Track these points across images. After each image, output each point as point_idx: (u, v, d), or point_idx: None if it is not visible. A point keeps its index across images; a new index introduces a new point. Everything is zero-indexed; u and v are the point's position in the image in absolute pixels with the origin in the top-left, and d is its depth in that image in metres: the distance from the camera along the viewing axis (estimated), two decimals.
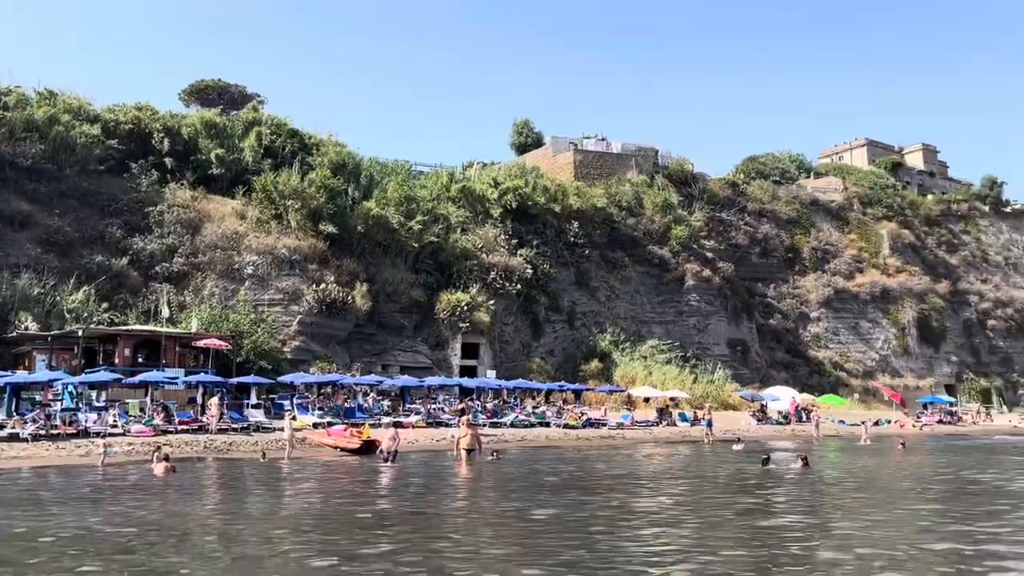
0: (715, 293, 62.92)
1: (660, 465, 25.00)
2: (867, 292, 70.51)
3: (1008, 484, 19.16)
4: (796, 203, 75.54)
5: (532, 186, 57.97)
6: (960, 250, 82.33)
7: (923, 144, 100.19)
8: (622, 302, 59.87)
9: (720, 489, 17.52)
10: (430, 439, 31.18)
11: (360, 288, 43.51)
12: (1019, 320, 78.54)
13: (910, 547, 10.27)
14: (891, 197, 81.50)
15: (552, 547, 9.97)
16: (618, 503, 14.93)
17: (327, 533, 11.45)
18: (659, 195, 65.73)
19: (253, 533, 11.52)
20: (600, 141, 70.22)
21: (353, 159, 51.68)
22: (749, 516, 13.20)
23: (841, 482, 19.84)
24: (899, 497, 16.77)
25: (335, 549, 10.08)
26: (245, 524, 12.39)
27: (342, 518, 12.97)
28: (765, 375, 61.18)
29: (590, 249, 59.01)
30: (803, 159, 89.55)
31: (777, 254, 71.28)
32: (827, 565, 9.06)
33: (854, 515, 13.63)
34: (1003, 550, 10.04)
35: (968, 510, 14.34)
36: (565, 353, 54.30)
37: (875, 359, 68.46)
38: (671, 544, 10.32)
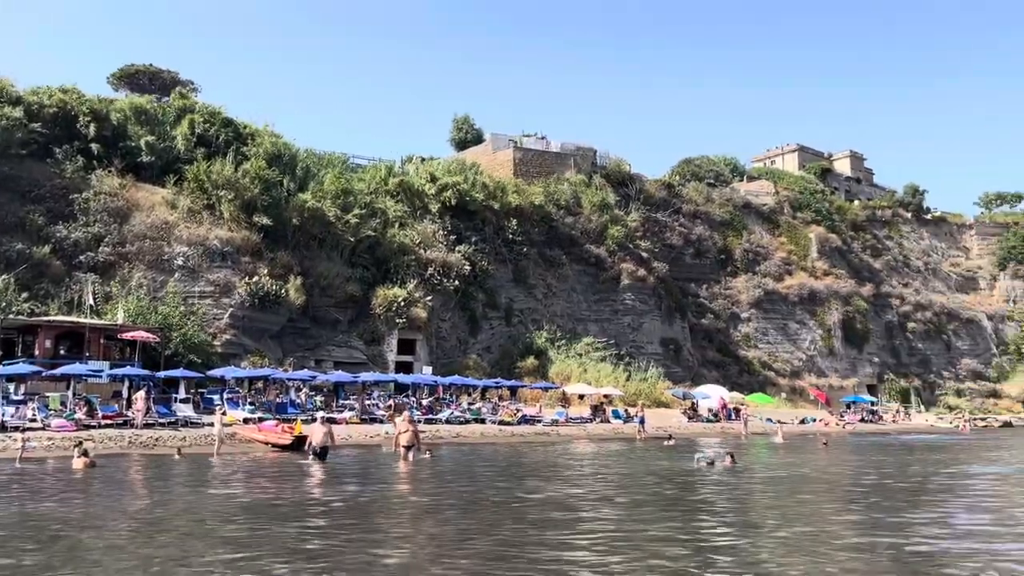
0: (650, 292, 63.89)
1: (592, 461, 25.30)
2: (795, 294, 72.49)
3: (924, 480, 19.99)
4: (729, 206, 77.18)
5: (472, 183, 57.88)
6: (883, 255, 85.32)
7: (851, 151, 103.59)
8: (559, 300, 60.33)
9: (648, 484, 17.82)
10: (364, 435, 30.94)
11: (294, 281, 42.85)
12: (937, 323, 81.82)
13: (829, 538, 10.64)
14: (820, 202, 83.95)
15: (485, 546, 10.02)
16: (549, 498, 15.06)
17: (244, 533, 11.27)
18: (597, 195, 66.39)
19: (160, 532, 11.24)
20: (540, 140, 70.58)
21: (289, 150, 50.81)
22: (675, 510, 13.47)
23: (765, 478, 20.39)
24: (819, 492, 17.33)
25: (252, 551, 9.92)
26: (152, 522, 12.08)
27: (264, 517, 12.78)
28: (697, 373, 62.42)
29: (528, 247, 59.28)
30: (737, 163, 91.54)
31: (710, 255, 72.74)
32: (747, 555, 9.32)
33: (775, 509, 14.04)
34: (917, 539, 10.48)
35: (884, 503, 14.91)
36: (502, 350, 54.45)
37: (802, 359, 70.46)
38: (598, 537, 10.48)
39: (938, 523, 12.47)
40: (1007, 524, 12.66)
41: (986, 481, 20.57)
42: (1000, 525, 12.46)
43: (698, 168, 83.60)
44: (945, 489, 17.89)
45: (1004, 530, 11.94)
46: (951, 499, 15.99)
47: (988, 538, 11.09)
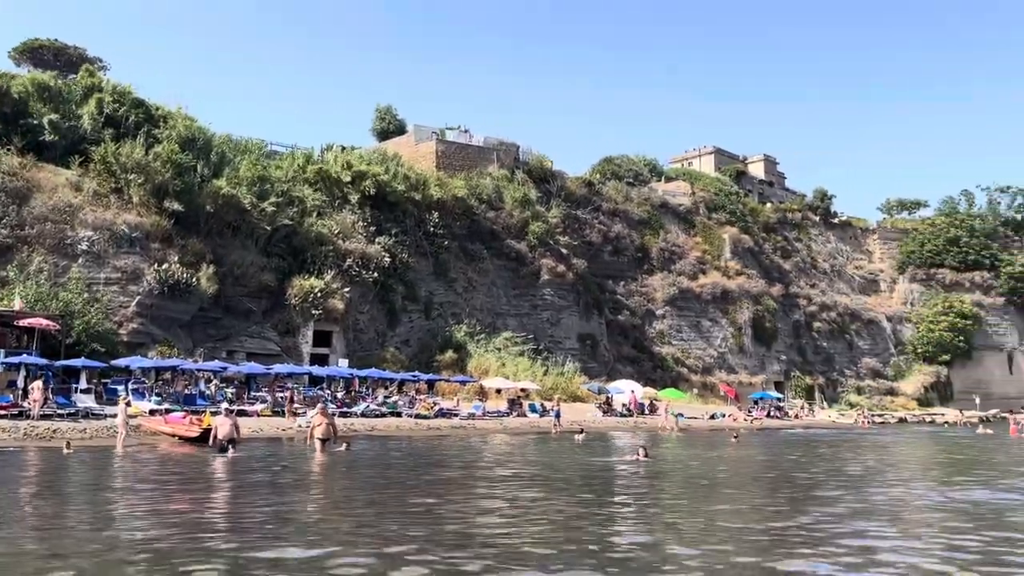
0: (568, 288, 64.60)
1: (507, 454, 25.44)
2: (709, 292, 74.43)
3: (822, 472, 20.82)
4: (647, 205, 78.64)
5: (393, 174, 57.34)
6: (793, 256, 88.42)
7: (765, 155, 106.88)
8: (479, 294, 60.40)
9: (561, 476, 18.03)
10: (276, 428, 30.34)
11: (206, 270, 41.61)
12: (840, 323, 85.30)
13: (735, 525, 10.97)
14: (734, 204, 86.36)
15: (401, 540, 9.96)
16: (462, 492, 15.08)
17: (137, 532, 10.91)
18: (519, 190, 66.70)
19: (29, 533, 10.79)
20: (463, 133, 70.44)
21: (204, 134, 49.22)
22: (588, 502, 13.67)
23: (678, 471, 20.92)
24: (729, 484, 17.86)
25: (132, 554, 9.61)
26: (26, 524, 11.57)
27: (156, 516, 12.39)
28: (612, 369, 63.48)
29: (449, 240, 59.12)
30: (656, 163, 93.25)
31: (628, 253, 73.98)
32: (652, 546, 9.53)
33: (685, 500, 14.40)
34: (818, 526, 10.91)
35: (790, 494, 15.47)
36: (420, 343, 54.19)
37: (713, 356, 72.43)
38: (509, 529, 10.55)
39: (825, 505, 13.03)
40: (885, 510, 13.31)
41: (876, 468, 21.59)
42: (878, 511, 13.08)
43: (618, 167, 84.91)
44: (834, 476, 18.68)
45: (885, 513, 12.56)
46: (842, 485, 16.70)
47: (868, 518, 11.65)
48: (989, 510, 13.46)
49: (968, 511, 13.24)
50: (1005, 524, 11.93)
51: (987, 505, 14.04)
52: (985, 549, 9.58)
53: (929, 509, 13.74)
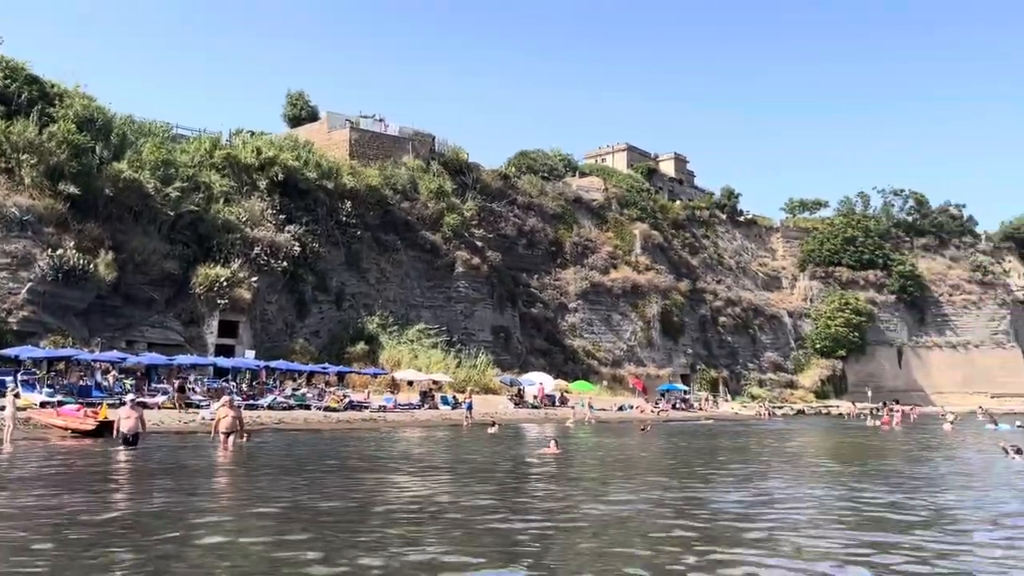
0: (483, 281, 64.68)
1: (418, 447, 25.32)
2: (619, 287, 75.79)
3: (726, 460, 21.51)
4: (562, 199, 79.45)
5: (304, 161, 56.15)
6: (700, 252, 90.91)
7: (675, 153, 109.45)
8: (392, 285, 59.82)
9: (472, 468, 18.05)
10: (179, 421, 29.34)
11: (105, 256, 39.81)
12: (744, 318, 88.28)
13: (640, 512, 11.21)
14: (645, 200, 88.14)
15: (307, 536, 9.76)
16: (370, 485, 14.92)
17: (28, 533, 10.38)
18: (434, 181, 66.29)
19: None
20: (378, 122, 69.49)
21: (104, 115, 46.94)
22: (499, 495, 13.72)
23: (589, 461, 21.22)
24: (638, 471, 18.23)
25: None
26: None
27: (56, 517, 11.82)
28: (525, 361, 63.94)
29: (362, 230, 58.30)
30: (570, 158, 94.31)
31: (542, 246, 74.59)
32: (565, 535, 9.65)
33: (595, 489, 14.62)
34: (717, 506, 11.27)
35: (692, 481, 15.90)
36: (331, 334, 53.31)
37: (623, 349, 73.84)
38: (419, 523, 10.50)
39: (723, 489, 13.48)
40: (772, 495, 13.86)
41: (777, 456, 22.45)
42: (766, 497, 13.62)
43: (533, 161, 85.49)
44: (736, 461, 19.34)
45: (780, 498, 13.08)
46: (743, 471, 17.30)
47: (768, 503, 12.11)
48: (860, 494, 14.18)
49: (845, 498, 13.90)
50: (862, 506, 12.57)
51: (861, 490, 14.78)
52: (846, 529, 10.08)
53: (813, 499, 14.36)
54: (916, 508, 12.50)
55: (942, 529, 10.48)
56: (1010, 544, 9.58)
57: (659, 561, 8.21)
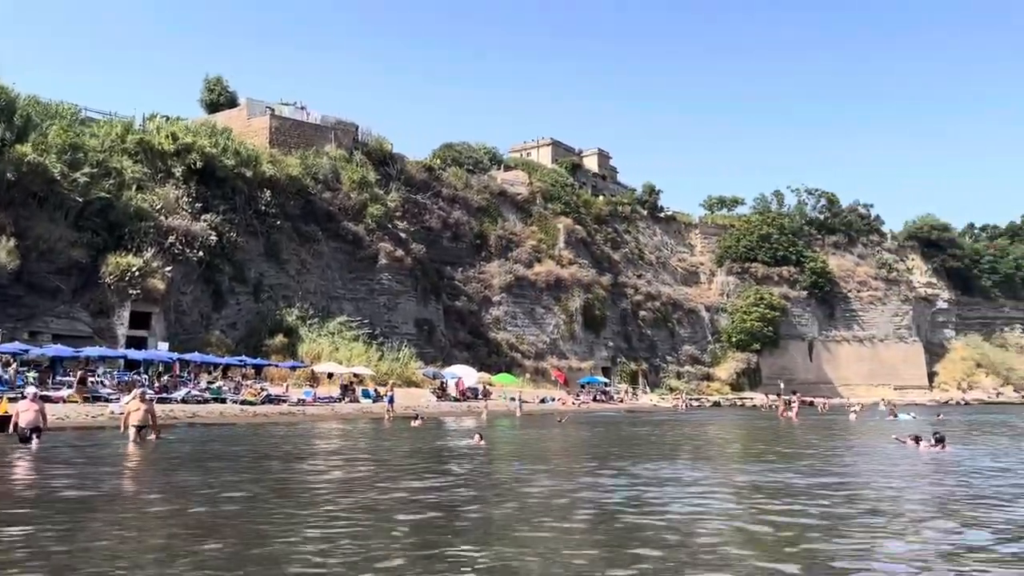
0: (406, 273, 64.23)
1: (337, 441, 24.99)
2: (543, 281, 76.39)
3: (640, 448, 21.94)
4: (487, 193, 79.53)
5: (223, 148, 54.63)
6: (622, 248, 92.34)
7: (599, 149, 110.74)
8: (313, 277, 58.84)
9: (393, 462, 17.93)
10: (86, 415, 28.20)
11: (6, 243, 37.91)
12: (664, 312, 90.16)
13: (563, 498, 11.35)
14: (569, 195, 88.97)
15: (219, 536, 9.52)
16: (285, 481, 14.66)
17: None
18: (357, 171, 65.43)
19: None
20: (299, 109, 68.12)
21: (6, 95, 44.58)
22: (425, 488, 13.67)
23: (511, 451, 21.33)
24: (553, 460, 18.43)
25: None
26: None
27: None
28: (448, 354, 63.84)
29: (282, 220, 57.14)
30: (495, 152, 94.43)
31: (466, 240, 74.54)
32: (484, 524, 9.68)
33: (518, 479, 14.72)
34: (628, 491, 11.50)
35: (605, 468, 16.17)
36: (249, 326, 52.12)
37: (546, 342, 74.51)
38: (337, 518, 10.38)
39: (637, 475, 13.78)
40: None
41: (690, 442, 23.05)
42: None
43: (458, 154, 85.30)
44: (654, 449, 19.80)
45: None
46: (660, 457, 17.71)
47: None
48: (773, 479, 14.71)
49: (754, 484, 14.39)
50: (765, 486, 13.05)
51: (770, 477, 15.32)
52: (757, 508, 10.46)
53: (724, 484, 14.81)
54: (807, 486, 13.02)
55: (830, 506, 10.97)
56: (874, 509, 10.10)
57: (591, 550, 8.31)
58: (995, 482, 14.63)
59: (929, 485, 14.65)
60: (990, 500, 12.21)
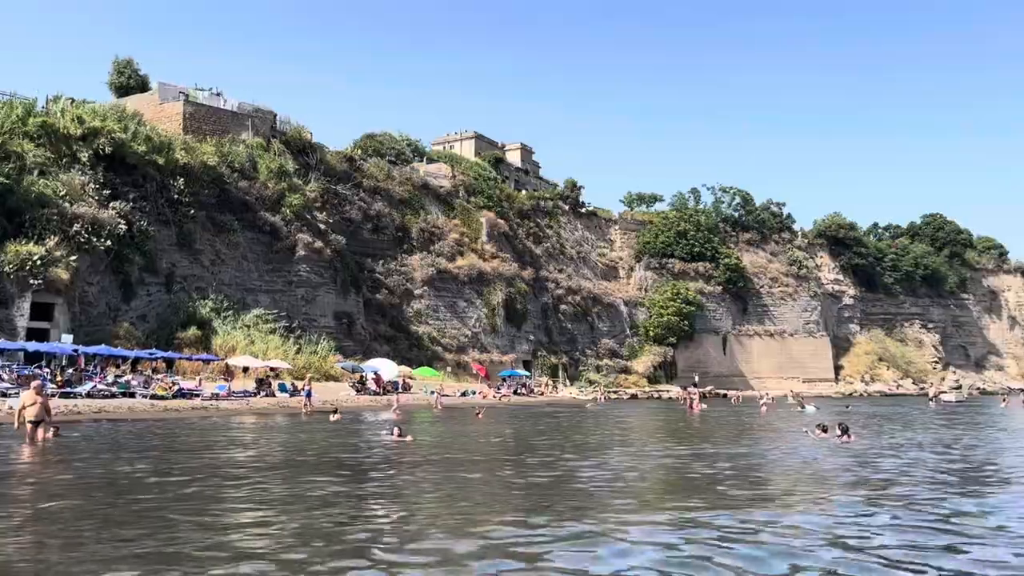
0: (326, 265, 63.19)
1: (252, 436, 24.44)
2: (465, 274, 76.29)
3: (563, 440, 22.21)
4: (409, 184, 78.84)
5: (133, 133, 52.61)
6: (544, 242, 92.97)
7: (522, 144, 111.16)
8: (228, 268, 57.31)
9: (310, 457, 17.64)
10: None
11: None
12: (584, 306, 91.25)
13: (481, 488, 11.38)
14: (492, 189, 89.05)
15: (127, 537, 9.19)
16: (198, 477, 14.26)
17: None
18: (275, 160, 63.98)
19: None
20: (215, 95, 66.11)
21: None
22: (341, 483, 13.49)
23: (431, 447, 21.24)
24: (472, 454, 18.47)
25: None
26: None
27: None
28: (368, 347, 63.13)
29: (196, 209, 55.44)
30: (418, 143, 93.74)
31: (388, 232, 73.79)
32: (401, 519, 9.63)
33: (435, 473, 14.69)
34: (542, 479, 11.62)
35: (526, 460, 16.31)
36: (160, 319, 50.43)
37: (468, 335, 74.48)
38: (250, 514, 10.16)
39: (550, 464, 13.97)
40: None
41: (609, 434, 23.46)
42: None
43: (380, 144, 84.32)
44: (572, 445, 20.08)
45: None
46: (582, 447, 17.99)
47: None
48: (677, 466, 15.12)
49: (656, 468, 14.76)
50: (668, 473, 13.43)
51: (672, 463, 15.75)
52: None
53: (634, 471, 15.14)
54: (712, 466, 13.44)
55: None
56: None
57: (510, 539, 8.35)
58: (887, 464, 15.38)
59: (828, 467, 15.29)
60: (881, 479, 12.83)
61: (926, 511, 10.64)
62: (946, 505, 11.23)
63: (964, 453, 19.81)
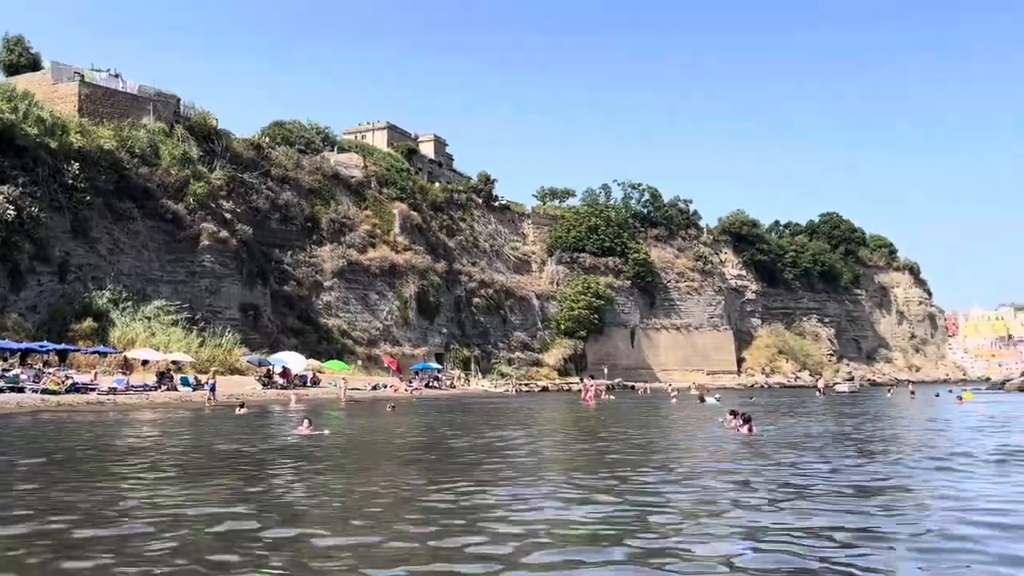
0: (231, 256, 61.41)
1: (151, 433, 23.59)
2: (377, 266, 75.46)
3: (477, 433, 22.30)
4: (319, 174, 77.33)
5: (23, 114, 49.90)
6: (457, 235, 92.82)
7: (435, 136, 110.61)
8: (127, 257, 55.03)
9: (214, 452, 17.16)
10: None
11: None
12: (496, 300, 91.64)
13: (391, 484, 11.31)
14: (405, 180, 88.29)
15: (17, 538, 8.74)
16: (84, 481, 13.69)
17: None
18: (178, 147, 61.71)
19: None
20: (113, 77, 63.20)
21: None
22: (245, 478, 13.17)
23: (342, 440, 20.95)
24: (383, 448, 18.35)
25: None
26: None
27: None
28: (276, 340, 61.69)
29: (93, 195, 52.97)
30: (329, 132, 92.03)
31: (297, 222, 72.25)
32: (310, 512, 9.49)
33: (348, 468, 14.52)
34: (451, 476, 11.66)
35: (441, 454, 16.31)
36: (52, 309, 48.02)
37: (379, 328, 73.74)
38: (151, 511, 9.82)
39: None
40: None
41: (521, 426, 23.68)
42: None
43: (290, 132, 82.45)
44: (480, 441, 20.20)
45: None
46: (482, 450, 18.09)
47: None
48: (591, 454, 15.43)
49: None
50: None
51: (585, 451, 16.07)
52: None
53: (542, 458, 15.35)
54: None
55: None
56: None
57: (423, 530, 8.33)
58: (787, 457, 16.06)
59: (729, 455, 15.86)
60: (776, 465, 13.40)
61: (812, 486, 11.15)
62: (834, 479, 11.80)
63: (856, 437, 20.87)
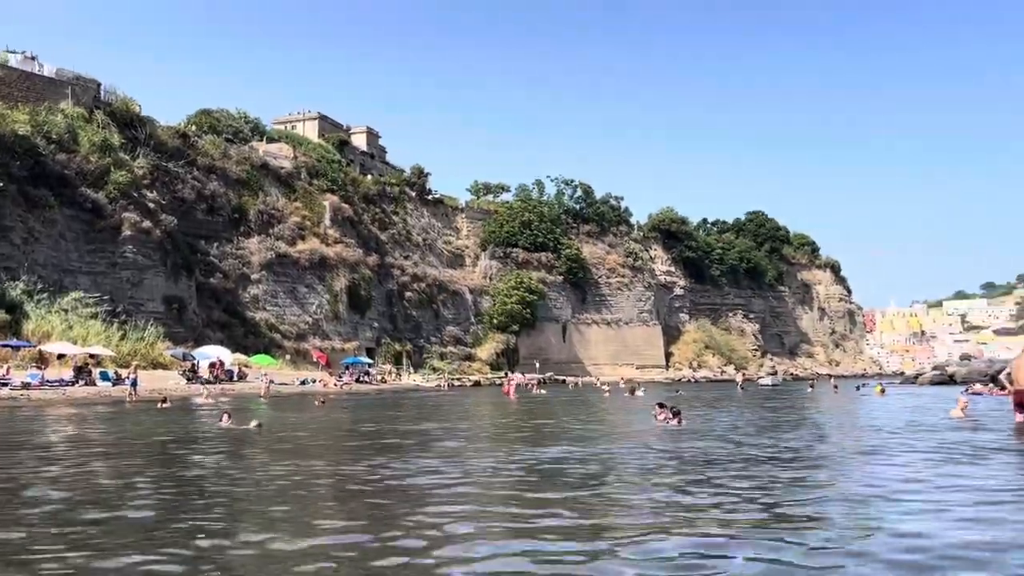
0: (155, 247, 59.63)
1: (68, 429, 22.75)
2: (307, 259, 74.28)
3: (399, 426, 22.17)
4: (247, 164, 75.68)
5: None
6: (389, 228, 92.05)
7: (368, 127, 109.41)
8: (43, 247, 52.92)
9: (135, 452, 16.66)
10: None
11: None
12: (429, 294, 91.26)
13: (325, 478, 11.15)
14: (336, 172, 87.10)
15: None
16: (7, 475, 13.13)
17: None
18: (98, 133, 59.59)
19: None
20: (29, 59, 60.67)
21: None
22: (176, 472, 12.82)
23: (266, 435, 20.57)
24: (314, 442, 18.09)
25: None
26: None
27: None
28: (201, 334, 60.23)
29: (6, 182, 50.74)
30: (258, 122, 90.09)
31: (224, 213, 70.58)
32: (238, 507, 9.30)
33: (273, 464, 14.26)
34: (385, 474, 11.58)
35: (363, 451, 16.16)
36: None
37: (308, 322, 72.63)
38: (82, 507, 9.48)
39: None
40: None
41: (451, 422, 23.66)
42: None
43: (217, 121, 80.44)
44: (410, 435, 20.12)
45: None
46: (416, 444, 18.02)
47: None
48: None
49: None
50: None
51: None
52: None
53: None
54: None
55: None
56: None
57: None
58: (715, 448, 16.46)
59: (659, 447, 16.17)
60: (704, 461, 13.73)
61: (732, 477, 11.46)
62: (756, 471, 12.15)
63: (777, 429, 21.50)
